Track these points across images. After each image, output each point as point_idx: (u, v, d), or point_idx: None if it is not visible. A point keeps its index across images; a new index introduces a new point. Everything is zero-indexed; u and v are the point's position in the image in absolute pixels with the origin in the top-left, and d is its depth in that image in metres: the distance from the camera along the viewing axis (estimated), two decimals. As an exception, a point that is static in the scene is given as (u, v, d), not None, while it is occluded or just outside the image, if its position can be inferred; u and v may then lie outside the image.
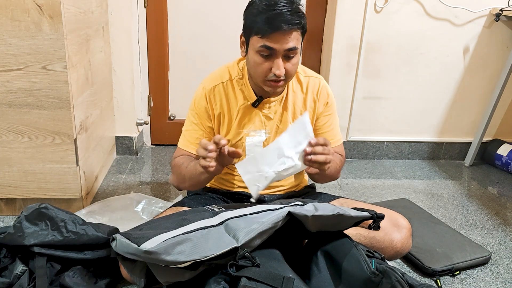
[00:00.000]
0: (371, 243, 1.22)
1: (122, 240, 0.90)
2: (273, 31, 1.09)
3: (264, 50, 1.12)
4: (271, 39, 1.10)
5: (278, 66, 1.12)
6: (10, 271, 1.16)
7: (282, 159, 1.10)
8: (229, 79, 1.28)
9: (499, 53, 2.24)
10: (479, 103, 2.35)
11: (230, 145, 1.30)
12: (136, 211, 1.60)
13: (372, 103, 2.29)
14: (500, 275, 1.43)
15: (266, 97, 1.27)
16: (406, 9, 2.12)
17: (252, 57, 1.15)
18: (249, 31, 1.15)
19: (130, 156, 2.27)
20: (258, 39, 1.11)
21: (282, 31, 1.09)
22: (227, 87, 1.27)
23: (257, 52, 1.13)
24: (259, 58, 1.14)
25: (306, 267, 1.07)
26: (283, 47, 1.11)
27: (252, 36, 1.14)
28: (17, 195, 1.56)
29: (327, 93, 1.33)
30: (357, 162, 2.35)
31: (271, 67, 1.13)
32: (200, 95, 1.28)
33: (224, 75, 1.29)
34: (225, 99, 1.27)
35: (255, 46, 1.13)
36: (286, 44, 1.10)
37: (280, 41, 1.10)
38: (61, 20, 1.36)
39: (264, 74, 1.15)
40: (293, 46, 1.12)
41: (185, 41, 2.25)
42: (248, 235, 0.95)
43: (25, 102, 1.44)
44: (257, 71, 1.16)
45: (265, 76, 1.15)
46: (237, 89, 1.27)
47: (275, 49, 1.11)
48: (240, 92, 1.27)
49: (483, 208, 1.89)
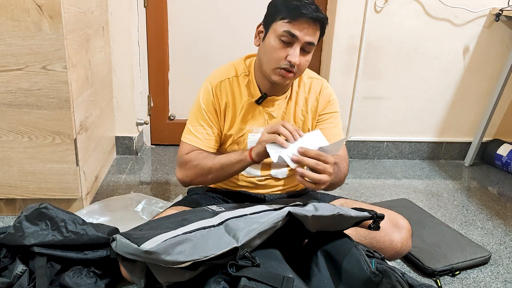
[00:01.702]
0: (371, 243, 1.22)
1: (122, 240, 0.89)
2: (301, 17, 1.11)
3: (286, 36, 1.13)
4: (296, 26, 1.12)
5: (295, 54, 1.13)
6: (10, 271, 1.15)
7: None
8: (235, 75, 1.28)
9: (499, 53, 2.24)
10: (479, 103, 2.35)
11: (232, 140, 1.30)
12: (136, 211, 1.60)
13: (372, 103, 2.29)
14: (500, 275, 1.43)
15: (271, 95, 1.27)
16: (406, 9, 2.12)
17: (270, 42, 1.16)
18: (274, 15, 1.16)
19: (130, 156, 2.27)
20: (283, 23, 1.13)
21: (309, 19, 1.11)
22: (233, 82, 1.28)
23: (278, 37, 1.14)
24: (278, 43, 1.14)
25: (306, 267, 1.07)
26: (305, 38, 1.12)
27: (276, 21, 1.15)
28: (17, 195, 1.56)
29: (329, 93, 1.34)
30: (357, 162, 2.35)
31: (287, 55, 1.14)
32: (207, 89, 1.28)
33: (230, 71, 1.29)
34: (230, 94, 1.28)
35: (277, 31, 1.14)
36: (308, 36, 1.13)
37: (303, 30, 1.12)
38: (61, 20, 1.36)
39: (279, 60, 1.15)
40: (312, 41, 1.14)
41: (185, 41, 2.25)
42: (248, 235, 0.95)
43: (25, 102, 1.44)
44: (272, 56, 1.16)
45: (278, 63, 1.15)
46: (242, 85, 1.28)
47: (297, 36, 1.12)
48: (245, 89, 1.28)
49: (483, 208, 1.89)
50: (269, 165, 1.33)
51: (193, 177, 1.26)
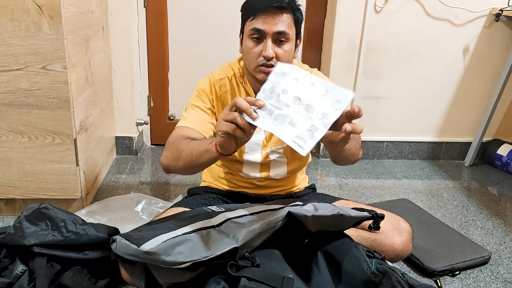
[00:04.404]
0: (372, 245, 1.20)
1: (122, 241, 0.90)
2: (262, 10, 1.11)
3: (254, 33, 1.13)
4: (260, 20, 1.12)
5: (267, 48, 1.12)
6: (10, 271, 1.15)
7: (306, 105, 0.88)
8: (233, 74, 1.29)
9: (499, 53, 2.24)
10: (479, 103, 2.35)
11: None
12: (136, 211, 1.60)
13: (372, 103, 2.29)
14: (500, 275, 1.43)
15: None
16: (406, 9, 2.12)
17: (245, 44, 1.17)
18: (242, 19, 1.18)
19: (130, 156, 2.27)
20: (249, 23, 1.14)
21: (271, 11, 1.10)
22: (231, 82, 1.28)
23: (249, 36, 1.15)
24: (250, 42, 1.15)
25: (306, 267, 1.07)
26: (272, 29, 1.11)
27: (245, 23, 1.16)
28: (17, 195, 1.56)
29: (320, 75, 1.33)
30: (357, 162, 2.35)
31: (261, 51, 1.14)
32: (205, 82, 1.28)
33: (228, 71, 1.29)
34: (229, 93, 1.28)
35: (247, 32, 1.15)
36: (275, 26, 1.11)
37: (269, 23, 1.11)
38: (61, 20, 1.36)
39: (255, 58, 1.15)
40: (283, 30, 1.12)
41: (185, 41, 2.25)
42: (248, 236, 0.95)
43: (25, 102, 1.44)
44: (249, 57, 1.17)
45: (256, 61, 1.15)
46: (240, 84, 1.28)
47: (263, 30, 1.12)
48: (242, 88, 1.28)
49: (483, 208, 1.89)
50: (268, 166, 1.33)
51: (169, 160, 1.14)
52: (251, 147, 1.29)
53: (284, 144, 1.29)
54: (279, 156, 1.31)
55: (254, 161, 1.30)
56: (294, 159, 1.34)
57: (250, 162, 1.31)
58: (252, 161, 1.30)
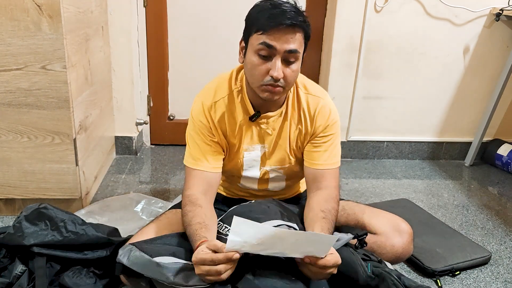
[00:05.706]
0: (372, 248, 1.19)
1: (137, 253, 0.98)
2: (275, 26, 1.01)
3: (263, 49, 1.03)
4: (271, 36, 1.01)
5: (276, 68, 1.03)
6: (10, 271, 1.15)
7: (280, 252, 0.94)
8: (229, 93, 1.18)
9: (499, 53, 2.24)
10: (479, 103, 2.35)
11: (228, 158, 1.23)
12: (136, 211, 1.60)
13: (372, 103, 2.29)
14: (500, 275, 1.43)
15: (264, 112, 1.17)
16: (406, 8, 2.12)
17: (250, 58, 1.06)
18: (249, 30, 1.07)
19: (129, 156, 2.26)
20: (258, 36, 1.03)
21: (284, 27, 1.01)
22: (228, 101, 1.18)
23: (255, 52, 1.04)
24: (257, 59, 1.05)
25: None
26: (283, 47, 1.02)
27: (252, 35, 1.05)
28: (16, 195, 1.56)
29: (327, 113, 1.20)
30: (357, 162, 2.35)
31: (269, 70, 1.04)
32: (199, 111, 1.18)
33: (223, 88, 1.19)
34: (227, 114, 1.18)
35: (254, 45, 1.05)
36: (287, 44, 1.02)
37: (281, 39, 1.02)
38: (61, 20, 1.35)
39: (261, 77, 1.05)
40: (294, 48, 1.03)
41: (185, 41, 2.25)
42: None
43: (24, 102, 1.43)
44: (254, 74, 1.07)
45: (262, 80, 1.06)
46: (237, 102, 1.18)
47: (275, 47, 1.02)
48: (240, 106, 1.18)
49: (483, 208, 1.89)
50: (266, 180, 1.28)
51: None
52: (250, 163, 1.24)
53: (285, 165, 1.25)
54: (277, 174, 1.27)
55: (253, 177, 1.26)
56: (294, 177, 1.31)
57: (248, 177, 1.27)
58: (250, 177, 1.27)
